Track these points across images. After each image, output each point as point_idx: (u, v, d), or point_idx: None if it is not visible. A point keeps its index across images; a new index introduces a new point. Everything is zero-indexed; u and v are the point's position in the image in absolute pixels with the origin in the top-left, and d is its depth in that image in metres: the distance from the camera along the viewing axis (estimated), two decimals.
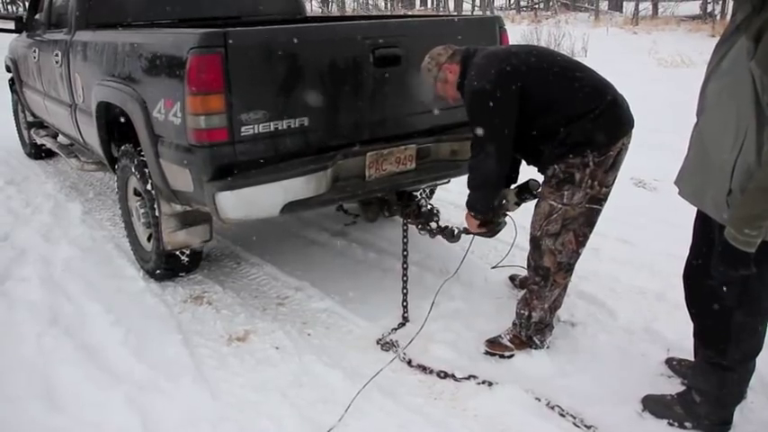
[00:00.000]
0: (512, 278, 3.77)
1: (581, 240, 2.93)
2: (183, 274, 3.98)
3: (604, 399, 2.78)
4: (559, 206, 2.86)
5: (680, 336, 3.21)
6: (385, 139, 3.47)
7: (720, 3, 28.89)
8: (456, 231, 3.54)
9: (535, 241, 2.97)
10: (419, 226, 3.62)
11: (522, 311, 3.10)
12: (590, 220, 2.89)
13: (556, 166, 2.82)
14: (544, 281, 3.00)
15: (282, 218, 4.39)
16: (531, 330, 3.11)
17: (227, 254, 4.41)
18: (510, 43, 3.92)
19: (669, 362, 2.98)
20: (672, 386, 2.88)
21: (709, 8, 29.36)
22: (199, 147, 3.05)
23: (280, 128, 3.14)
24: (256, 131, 3.08)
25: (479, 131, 2.86)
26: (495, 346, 3.12)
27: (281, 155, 3.18)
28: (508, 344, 3.12)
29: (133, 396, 2.82)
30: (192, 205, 3.44)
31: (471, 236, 3.42)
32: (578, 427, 2.62)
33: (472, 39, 3.74)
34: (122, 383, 2.90)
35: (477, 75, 2.86)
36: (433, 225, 3.58)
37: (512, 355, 3.08)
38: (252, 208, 3.12)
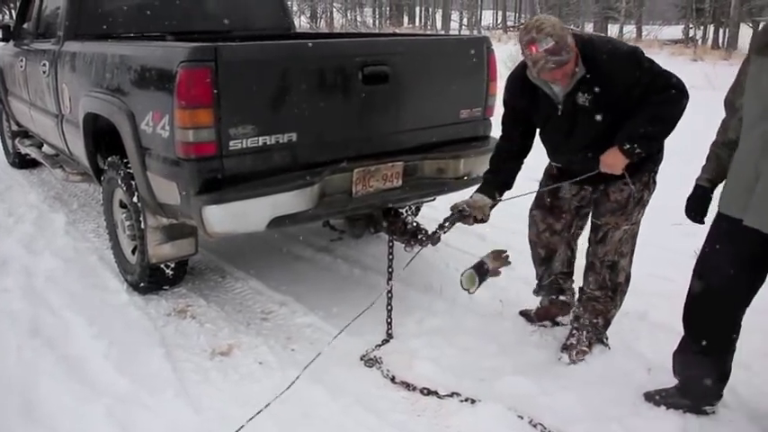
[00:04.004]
0: (525, 314, 3.68)
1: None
2: (167, 287, 3.96)
3: (587, 417, 2.80)
4: (630, 227, 3.09)
5: (662, 355, 3.24)
6: (372, 156, 3.50)
7: (702, 28, 29.38)
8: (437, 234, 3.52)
9: (613, 266, 3.17)
10: (404, 243, 3.63)
11: (597, 320, 3.27)
12: None
13: (632, 187, 2.95)
14: (615, 293, 3.23)
15: (268, 232, 4.41)
16: (602, 333, 3.30)
17: (212, 267, 4.40)
18: (497, 72, 4.03)
19: (649, 397, 2.96)
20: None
21: (691, 33, 29.85)
22: (186, 160, 3.05)
23: (268, 143, 3.16)
24: (244, 146, 3.09)
25: (665, 76, 2.80)
26: (579, 354, 3.23)
27: (268, 170, 3.19)
28: (584, 348, 3.26)
29: (114, 409, 2.79)
30: (179, 218, 3.44)
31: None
32: None
33: (460, 58, 3.80)
34: (103, 396, 2.88)
35: (623, 45, 2.92)
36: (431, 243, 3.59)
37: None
38: (239, 222, 3.12)
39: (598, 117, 2.85)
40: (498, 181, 3.24)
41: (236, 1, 5.41)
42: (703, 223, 2.68)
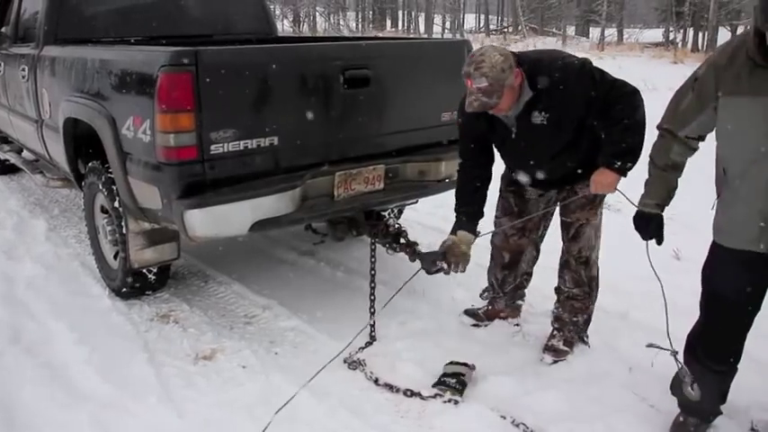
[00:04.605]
0: (470, 313, 3.68)
1: None
2: (149, 292, 3.94)
3: (569, 416, 2.82)
4: (597, 223, 3.19)
5: (642, 354, 3.27)
6: (354, 159, 3.51)
7: (681, 31, 29.69)
8: (417, 251, 3.55)
9: (588, 260, 3.23)
10: (386, 245, 3.64)
11: (576, 318, 3.31)
12: None
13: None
14: (590, 286, 3.29)
15: (251, 236, 4.40)
16: (583, 331, 3.35)
17: (195, 272, 4.39)
18: None
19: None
20: (635, 402, 2.95)
21: (672, 36, 30.16)
22: (168, 164, 3.05)
23: (249, 146, 3.16)
24: (226, 150, 3.09)
25: (618, 84, 2.85)
26: (559, 354, 3.26)
27: (250, 173, 3.19)
28: (565, 348, 3.28)
29: (97, 415, 2.79)
30: (160, 223, 3.43)
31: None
32: None
33: (441, 61, 3.82)
34: (86, 403, 2.87)
35: (572, 59, 2.90)
36: (402, 241, 3.60)
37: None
38: (221, 226, 3.12)
39: (558, 133, 2.91)
40: (474, 212, 3.20)
41: (218, 5, 5.40)
42: (660, 244, 2.70)
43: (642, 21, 40.77)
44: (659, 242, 2.67)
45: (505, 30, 38.56)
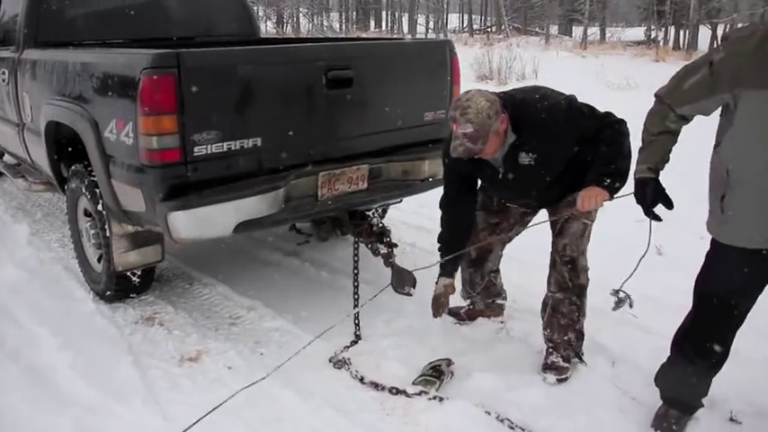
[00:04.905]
0: (453, 313, 3.70)
1: None
2: (133, 295, 3.94)
3: (552, 410, 2.86)
4: (589, 223, 3.08)
5: (624, 348, 3.33)
6: (337, 160, 3.53)
7: (663, 30, 29.92)
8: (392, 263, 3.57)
9: (574, 263, 3.09)
10: (369, 246, 3.66)
11: (567, 336, 3.15)
12: None
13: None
14: (580, 298, 3.14)
15: (235, 237, 4.39)
16: (580, 348, 3.23)
17: (179, 274, 4.39)
18: (460, 74, 4.08)
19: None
20: (617, 396, 2.99)
21: (653, 34, 30.38)
22: (151, 167, 3.05)
23: (233, 148, 3.16)
24: (209, 152, 3.10)
25: (605, 117, 2.91)
26: (561, 372, 3.13)
27: (234, 175, 3.20)
28: (566, 365, 3.16)
29: (82, 420, 2.78)
30: (144, 226, 3.43)
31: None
32: None
33: (423, 61, 3.85)
34: (71, 407, 2.85)
35: (552, 97, 2.92)
36: (382, 250, 3.63)
37: None
38: (205, 228, 3.13)
39: (547, 171, 2.94)
40: (457, 260, 3.23)
41: (200, 7, 5.38)
42: (660, 220, 2.59)
43: (624, 19, 41.09)
44: (668, 206, 2.51)
45: (489, 29, 38.66)
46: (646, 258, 4.57)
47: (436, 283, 3.26)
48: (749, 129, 2.19)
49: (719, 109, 2.35)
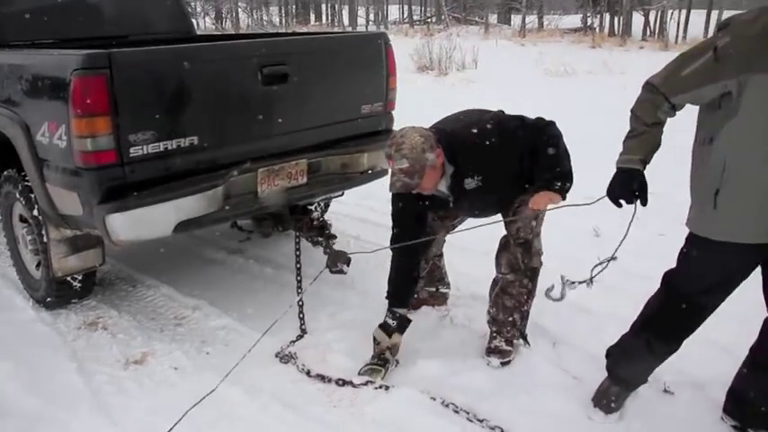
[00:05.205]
0: None
1: None
2: (75, 300, 3.87)
3: (496, 393, 2.95)
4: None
5: (565, 329, 3.44)
6: (276, 155, 3.53)
7: (598, 17, 30.54)
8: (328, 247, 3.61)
9: (527, 245, 3.12)
10: (310, 239, 3.68)
11: (512, 317, 3.22)
12: None
13: None
14: (531, 281, 3.19)
15: (178, 238, 4.34)
16: (524, 329, 3.31)
17: (123, 277, 4.33)
18: (396, 66, 4.10)
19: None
20: (559, 375, 3.09)
21: (589, 21, 31.01)
22: (86, 169, 3.01)
23: (170, 147, 3.14)
24: (146, 152, 3.07)
25: (534, 122, 2.99)
26: (504, 355, 3.21)
27: (172, 174, 3.18)
28: (509, 347, 3.23)
29: (26, 430, 2.74)
30: (83, 229, 3.39)
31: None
32: (471, 421, 2.76)
33: (358, 54, 3.88)
34: (12, 419, 2.82)
35: (481, 122, 2.97)
36: (324, 245, 3.66)
37: None
38: (144, 228, 3.11)
39: (496, 189, 3.02)
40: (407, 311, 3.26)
41: (133, 5, 5.29)
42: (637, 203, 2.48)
43: (562, 7, 41.71)
44: (644, 202, 2.45)
45: (429, 20, 38.86)
46: (584, 240, 4.73)
47: (385, 329, 3.19)
48: (755, 116, 2.11)
49: (700, 107, 2.34)
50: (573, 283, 2.79)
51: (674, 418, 2.80)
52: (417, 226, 3.19)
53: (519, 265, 3.14)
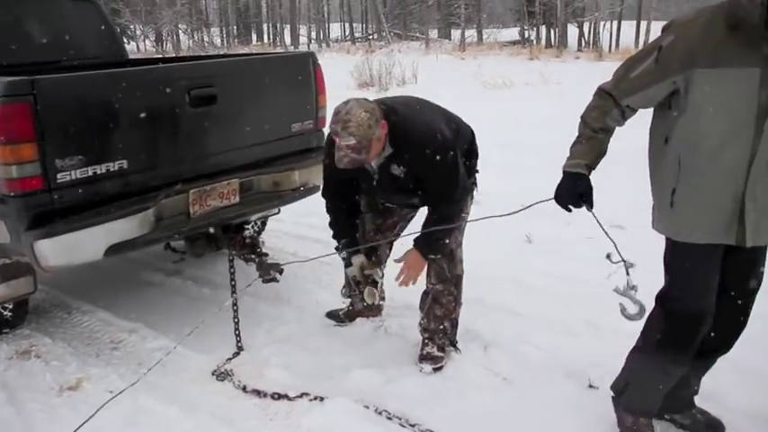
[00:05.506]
0: (332, 315, 3.86)
1: None
2: (7, 330, 3.81)
3: (429, 398, 3.03)
4: (465, 216, 3.26)
5: (495, 333, 3.55)
6: (207, 176, 3.56)
7: (535, 29, 31.34)
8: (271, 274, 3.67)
9: (451, 254, 3.24)
10: (242, 257, 3.72)
11: (443, 325, 3.33)
12: None
13: None
14: (457, 288, 3.32)
15: (116, 262, 4.35)
16: (454, 336, 3.40)
17: (57, 304, 4.28)
18: (325, 84, 4.18)
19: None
20: (489, 377, 3.19)
21: (527, 34, 31.78)
22: (12, 196, 2.99)
23: (98, 172, 3.14)
24: (74, 177, 3.07)
25: (448, 185, 3.03)
26: (436, 361, 3.29)
27: (102, 198, 3.18)
28: (441, 354, 3.32)
29: None
30: (11, 257, 3.36)
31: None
32: (404, 426, 2.84)
33: (287, 74, 3.95)
34: None
35: (432, 132, 2.98)
36: (256, 260, 3.72)
37: None
38: (74, 253, 3.10)
39: (416, 182, 3.08)
40: (353, 242, 3.35)
41: (66, 31, 5.25)
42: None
43: (500, 21, 42.62)
44: (589, 207, 2.46)
45: (370, 37, 39.23)
46: (516, 245, 4.87)
47: (347, 263, 3.35)
48: (701, 110, 2.16)
49: (654, 112, 2.40)
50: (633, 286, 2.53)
51: (598, 412, 2.91)
52: (345, 185, 3.30)
53: (446, 274, 3.27)
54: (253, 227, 4.20)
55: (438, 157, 2.94)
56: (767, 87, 2.06)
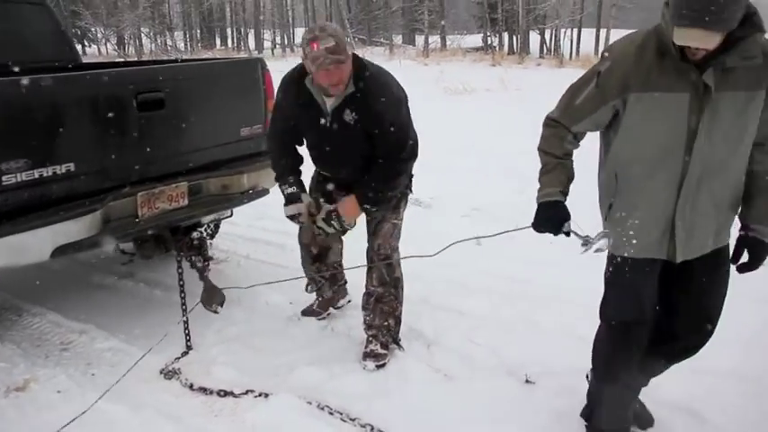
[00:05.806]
0: (309, 312, 3.95)
1: None
2: None
3: (371, 394, 3.13)
4: (398, 222, 3.40)
5: (438, 332, 3.66)
6: (156, 179, 3.61)
7: (497, 36, 31.73)
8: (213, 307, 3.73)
9: (388, 259, 3.40)
10: (189, 259, 3.77)
11: (387, 322, 3.45)
12: None
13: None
14: (396, 289, 3.46)
15: (66, 264, 4.37)
16: (397, 334, 3.52)
17: (7, 307, 4.28)
18: (274, 89, 4.19)
19: None
20: (431, 374, 3.29)
21: (490, 41, 32.15)
22: None
23: (45, 174, 3.17)
24: (19, 179, 3.09)
25: (397, 140, 3.12)
26: (379, 358, 3.39)
27: (48, 201, 3.21)
28: (384, 351, 3.42)
29: None
30: None
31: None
32: (345, 421, 2.94)
33: (236, 79, 4.02)
34: None
35: (394, 86, 3.15)
36: (199, 263, 3.79)
37: None
38: (18, 255, 3.13)
39: (360, 138, 3.12)
40: (294, 166, 3.45)
41: (16, 34, 5.25)
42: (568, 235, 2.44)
43: (464, 27, 43.00)
44: (567, 233, 2.41)
45: None
46: (466, 248, 4.99)
47: (291, 200, 3.39)
48: (635, 132, 2.25)
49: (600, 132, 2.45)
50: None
51: (536, 406, 3.03)
52: (289, 133, 3.39)
53: (385, 278, 3.42)
54: (206, 230, 4.25)
55: (393, 108, 3.07)
56: (696, 112, 2.14)
